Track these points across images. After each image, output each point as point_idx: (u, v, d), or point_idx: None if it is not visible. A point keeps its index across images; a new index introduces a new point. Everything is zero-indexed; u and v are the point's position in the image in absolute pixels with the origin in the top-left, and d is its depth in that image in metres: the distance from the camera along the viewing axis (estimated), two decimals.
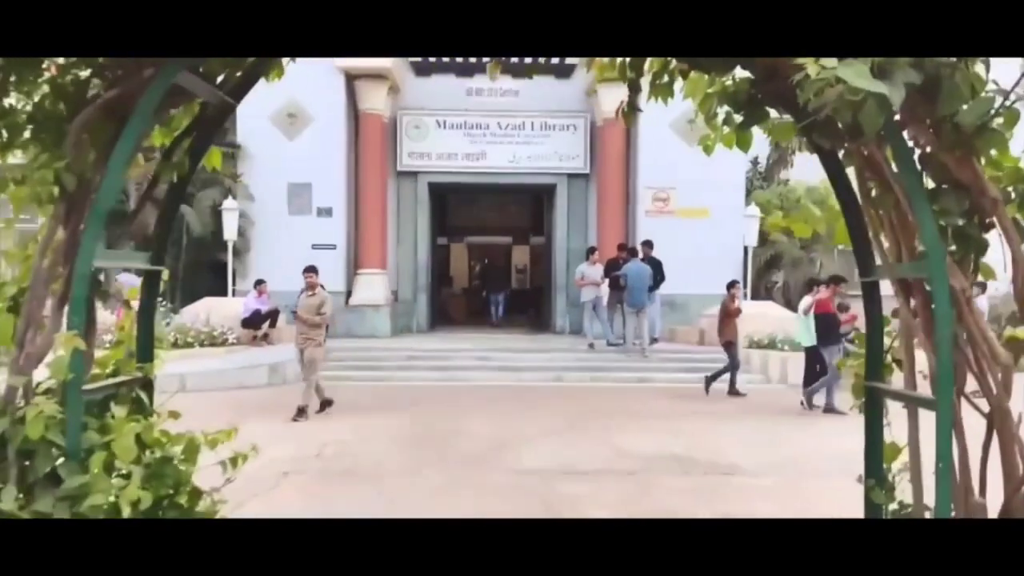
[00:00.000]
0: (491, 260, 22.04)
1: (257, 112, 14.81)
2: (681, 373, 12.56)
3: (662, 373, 12.64)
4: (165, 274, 3.54)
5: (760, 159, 18.40)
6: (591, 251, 13.89)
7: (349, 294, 15.39)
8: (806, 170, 17.00)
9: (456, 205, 20.59)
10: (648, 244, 13.66)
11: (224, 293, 14.17)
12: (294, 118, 14.94)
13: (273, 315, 13.38)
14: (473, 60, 16.00)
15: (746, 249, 14.86)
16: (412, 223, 16.50)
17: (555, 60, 16.14)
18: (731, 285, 11.51)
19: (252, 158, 14.85)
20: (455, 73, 16.23)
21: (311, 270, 9.72)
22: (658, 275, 13.46)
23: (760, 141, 13.01)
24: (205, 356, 11.82)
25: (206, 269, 14.95)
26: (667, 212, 15.51)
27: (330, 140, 15.07)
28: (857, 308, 13.22)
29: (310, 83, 14.81)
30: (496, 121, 16.17)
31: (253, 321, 13.13)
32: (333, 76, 14.89)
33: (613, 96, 15.30)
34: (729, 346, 11.11)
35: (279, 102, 14.87)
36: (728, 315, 11.11)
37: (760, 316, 13.68)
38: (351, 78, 15.13)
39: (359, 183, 15.66)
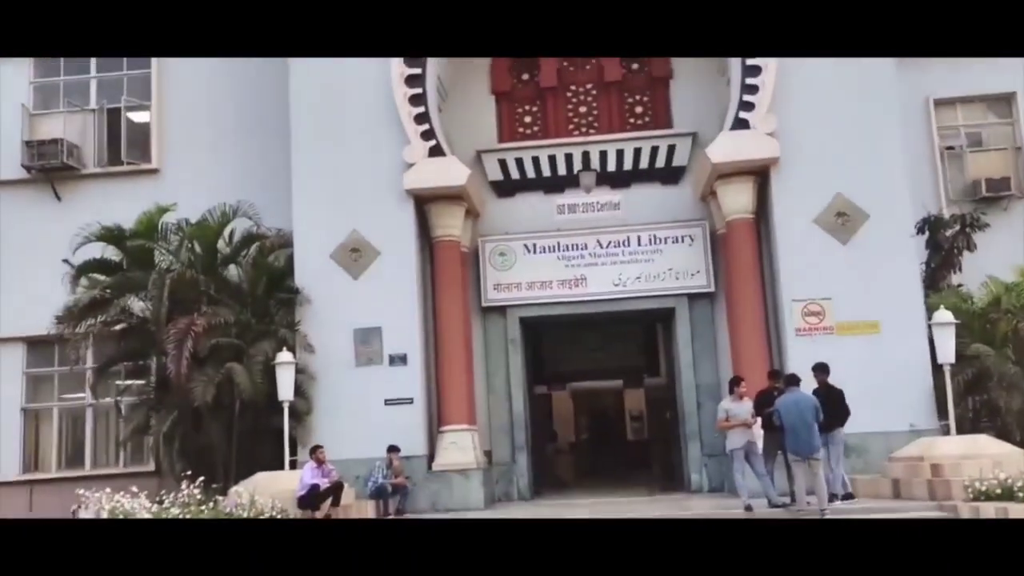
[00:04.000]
0: (599, 409, 18.97)
1: (316, 250, 12.81)
2: None
3: None
4: None
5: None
6: (735, 383, 10.72)
7: (431, 458, 12.54)
8: (975, 274, 13.67)
9: (554, 344, 17.82)
10: (822, 368, 10.41)
11: (281, 465, 11.58)
12: (358, 253, 12.77)
13: (336, 490, 10.61)
14: (562, 173, 13.75)
15: (940, 368, 11.37)
16: (504, 368, 13.79)
17: (659, 164, 13.70)
18: None
19: (311, 303, 12.64)
20: (543, 190, 13.96)
21: None
22: (838, 409, 10.14)
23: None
24: None
25: (267, 438, 12.45)
26: (823, 328, 12.26)
27: (401, 275, 12.77)
28: None
29: (374, 211, 12.83)
30: (595, 239, 13.62)
31: (311, 500, 10.40)
32: (401, 201, 12.80)
33: (736, 195, 12.65)
34: None
35: (340, 236, 12.80)
36: None
37: (977, 456, 10.03)
38: (421, 202, 13.00)
39: (438, 324, 13.17)
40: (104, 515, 9.32)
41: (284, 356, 11.53)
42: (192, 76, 14.79)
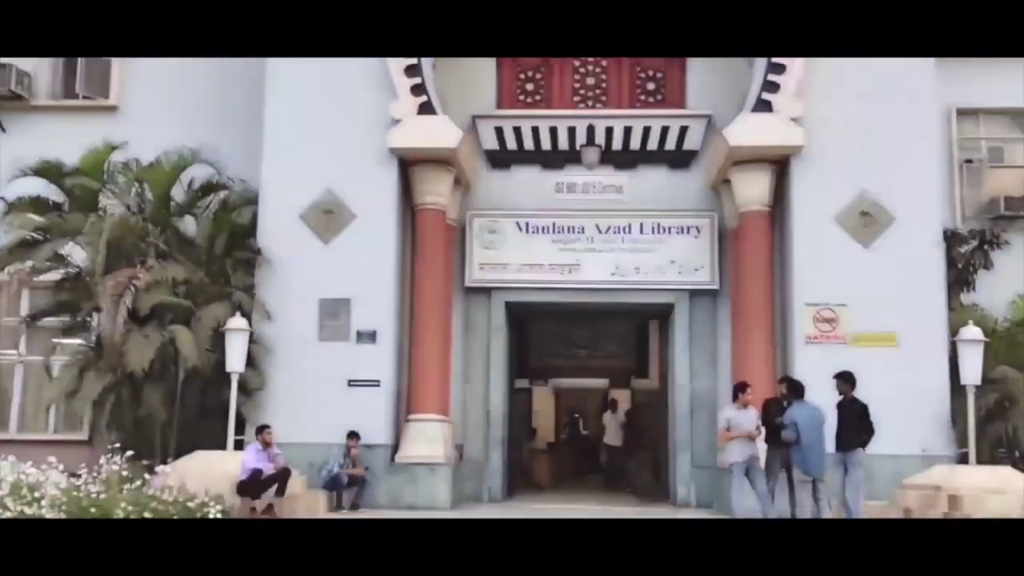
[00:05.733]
0: (582, 409, 17.82)
1: (284, 208, 11.53)
2: None
3: None
4: None
5: None
6: (741, 389, 9.57)
7: (395, 448, 11.32)
8: (987, 295, 12.72)
9: (540, 335, 16.63)
10: (848, 379, 9.28)
11: (225, 444, 10.27)
12: (331, 215, 11.50)
13: (281, 478, 9.37)
14: (564, 147, 12.54)
15: (958, 391, 10.33)
16: (484, 357, 12.58)
17: (669, 146, 12.54)
18: None
19: (273, 266, 11.34)
20: (541, 164, 12.74)
21: None
22: (863, 426, 9.06)
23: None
24: None
25: (214, 413, 11.14)
26: (835, 338, 11.18)
27: (378, 244, 11.53)
28: None
29: (353, 169, 11.56)
30: (594, 223, 12.43)
31: (252, 486, 9.13)
32: (383, 161, 11.54)
33: (752, 184, 11.52)
34: None
35: (312, 195, 11.53)
36: None
37: (1002, 491, 9.00)
38: (406, 164, 11.74)
39: (415, 301, 11.94)
40: (5, 488, 8.01)
41: (237, 322, 10.26)
42: None
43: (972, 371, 9.91)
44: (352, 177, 11.51)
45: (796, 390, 9.03)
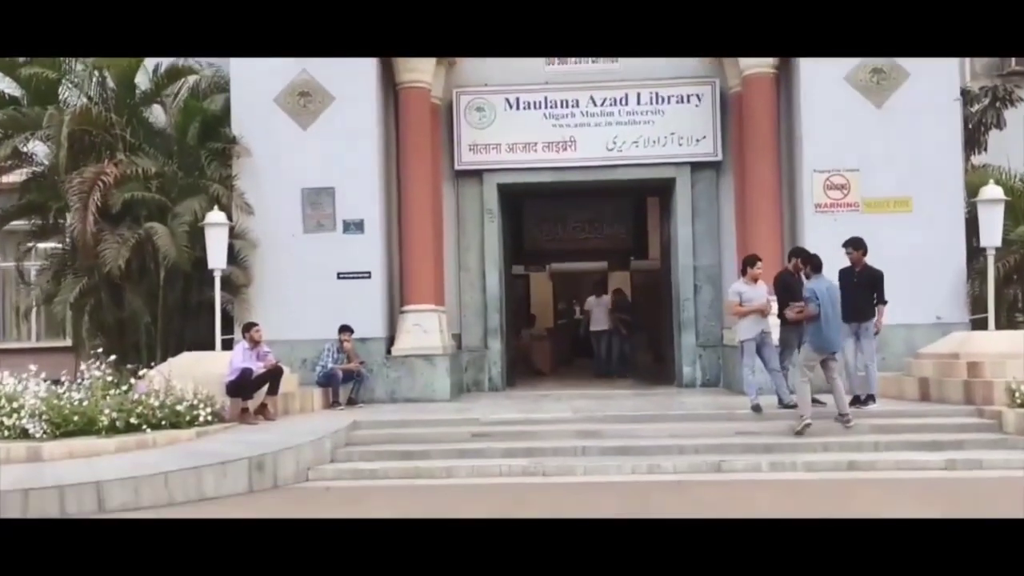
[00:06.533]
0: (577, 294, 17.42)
1: (258, 92, 10.75)
2: (913, 452, 7.66)
3: (881, 453, 7.75)
4: None
5: None
6: (751, 262, 9.09)
7: (391, 341, 10.95)
8: (997, 155, 12.09)
9: (535, 218, 16.05)
10: (858, 245, 8.80)
11: (214, 345, 9.87)
12: (308, 98, 10.73)
13: (272, 376, 8.99)
14: None
15: (981, 253, 9.86)
16: (478, 243, 12.05)
17: None
18: None
19: (251, 156, 10.66)
20: None
21: None
22: (878, 294, 8.67)
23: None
24: (150, 447, 7.47)
25: (200, 313, 10.70)
26: (847, 205, 10.65)
27: (360, 127, 10.82)
28: None
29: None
30: (588, 96, 11.68)
31: (241, 386, 8.76)
32: None
33: None
34: None
35: (287, 77, 10.72)
36: None
37: (1022, 356, 8.66)
38: None
39: (402, 187, 11.33)
40: None
41: (215, 216, 9.66)
42: None
43: (992, 233, 9.41)
44: (328, 58, 10.66)
45: (815, 264, 8.52)
